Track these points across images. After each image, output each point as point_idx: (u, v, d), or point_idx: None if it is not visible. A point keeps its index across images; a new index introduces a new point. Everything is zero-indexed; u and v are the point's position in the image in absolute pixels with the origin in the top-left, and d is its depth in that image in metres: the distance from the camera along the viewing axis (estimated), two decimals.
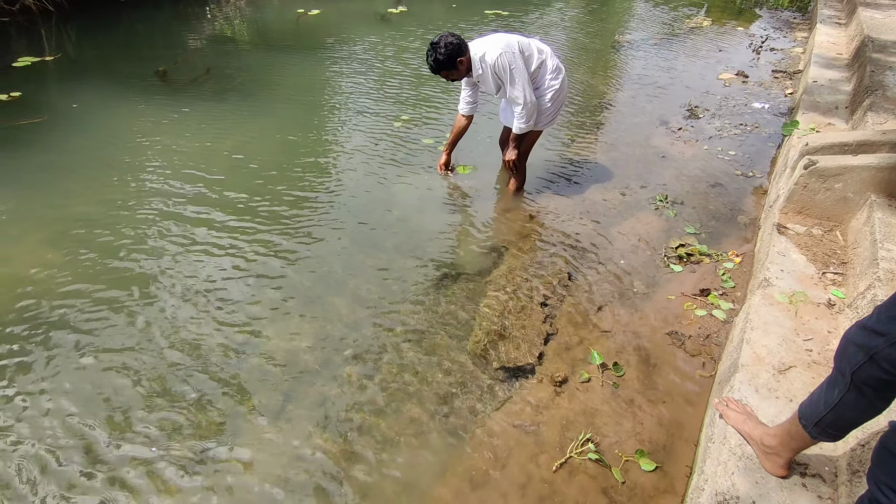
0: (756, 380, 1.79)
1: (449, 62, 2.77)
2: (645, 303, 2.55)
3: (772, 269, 2.30)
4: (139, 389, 2.05)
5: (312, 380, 2.12)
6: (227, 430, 1.92)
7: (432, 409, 2.02)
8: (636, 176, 3.62)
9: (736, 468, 1.52)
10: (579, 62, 5.93)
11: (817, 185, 2.53)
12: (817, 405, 1.24)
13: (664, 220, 3.17)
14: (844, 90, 4.10)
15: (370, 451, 1.87)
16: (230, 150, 3.77)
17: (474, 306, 2.50)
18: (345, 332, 2.33)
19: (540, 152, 3.69)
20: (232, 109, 4.46)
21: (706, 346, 2.30)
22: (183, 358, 2.19)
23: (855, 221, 2.47)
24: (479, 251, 2.88)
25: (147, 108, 4.39)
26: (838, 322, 2.02)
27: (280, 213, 3.10)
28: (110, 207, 3.13)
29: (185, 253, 2.77)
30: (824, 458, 1.54)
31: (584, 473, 1.81)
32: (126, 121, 4.19)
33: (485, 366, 2.21)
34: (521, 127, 2.94)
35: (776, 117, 4.56)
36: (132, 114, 4.30)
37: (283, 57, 5.91)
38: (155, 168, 3.53)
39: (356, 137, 4.04)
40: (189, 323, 2.35)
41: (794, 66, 5.76)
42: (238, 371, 2.14)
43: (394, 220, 3.09)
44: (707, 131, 4.29)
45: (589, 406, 2.04)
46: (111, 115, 4.29)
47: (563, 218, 3.17)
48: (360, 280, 2.63)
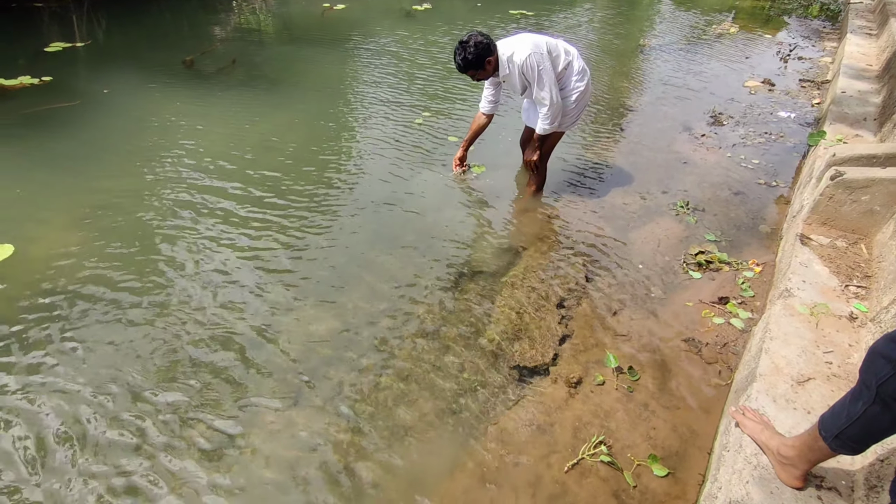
0: (774, 390, 1.77)
1: (477, 62, 2.77)
2: (662, 308, 2.54)
3: (793, 280, 2.27)
4: (155, 371, 2.10)
5: (327, 370, 2.14)
6: (241, 416, 1.95)
7: (445, 405, 2.04)
8: (657, 181, 3.60)
9: (751, 477, 1.52)
10: (604, 64, 5.89)
11: (843, 196, 2.50)
12: (839, 417, 1.22)
13: (684, 226, 3.15)
14: (874, 102, 4.03)
15: (382, 443, 1.89)
16: (254, 141, 3.81)
17: (490, 305, 2.51)
18: (360, 325, 2.36)
19: (560, 154, 3.69)
20: (257, 100, 4.51)
21: (723, 354, 2.29)
22: (200, 343, 2.23)
23: (881, 235, 2.43)
24: (496, 250, 2.89)
25: (175, 97, 4.47)
26: (860, 336, 2.00)
27: (300, 206, 3.13)
28: (138, 192, 3.19)
29: (208, 240, 2.81)
30: (841, 472, 1.52)
31: (596, 475, 1.81)
32: (154, 108, 4.26)
33: (499, 364, 2.22)
34: (546, 128, 2.93)
35: (802, 127, 4.50)
36: (160, 101, 4.37)
37: (307, 50, 5.97)
38: (182, 155, 3.59)
39: (378, 132, 4.06)
40: (207, 309, 2.39)
41: (822, 76, 5.66)
42: (253, 359, 2.17)
43: (412, 216, 3.11)
44: (731, 139, 4.24)
45: (602, 409, 2.04)
46: (140, 101, 4.37)
47: (582, 220, 3.16)
48: (377, 274, 2.65)
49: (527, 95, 2.96)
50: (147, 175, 3.37)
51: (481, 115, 3.21)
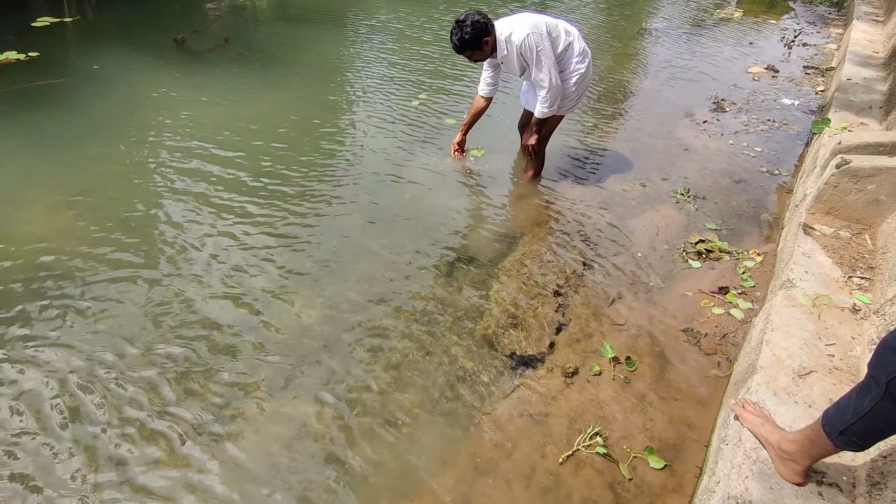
0: (775, 383, 1.73)
1: (474, 41, 2.68)
2: (661, 298, 2.49)
3: (795, 270, 2.22)
4: (144, 359, 2.04)
5: (318, 358, 2.09)
6: (231, 404, 1.90)
7: (439, 394, 1.99)
8: (657, 168, 3.53)
9: (750, 472, 1.48)
10: (605, 48, 5.78)
11: (849, 185, 2.44)
12: (845, 413, 1.18)
13: (684, 214, 3.09)
14: (880, 90, 3.96)
15: (374, 432, 1.84)
16: (247, 121, 3.72)
17: (486, 292, 2.46)
18: (353, 312, 2.30)
19: (559, 139, 3.61)
20: (250, 80, 4.40)
21: (722, 345, 2.25)
22: (190, 326, 2.17)
23: (886, 225, 2.38)
24: (492, 236, 2.83)
25: (166, 75, 4.35)
26: (863, 328, 1.95)
27: (293, 188, 3.06)
28: (129, 171, 3.11)
29: (197, 223, 2.74)
30: (843, 468, 1.48)
31: (591, 467, 1.78)
32: (145, 86, 4.15)
33: (494, 353, 2.17)
34: (544, 111, 2.85)
35: (805, 114, 4.42)
36: (151, 79, 4.26)
37: (303, 28, 5.82)
38: (174, 135, 3.50)
39: (374, 113, 3.97)
40: (197, 295, 2.33)
41: (827, 63, 5.57)
42: (244, 346, 2.12)
43: (407, 201, 3.04)
44: (733, 125, 4.17)
45: (599, 399, 2.00)
46: (131, 79, 4.25)
47: (581, 207, 3.10)
48: (371, 260, 2.59)
49: (525, 77, 2.88)
50: (138, 154, 3.28)
51: (480, 98, 3.12)
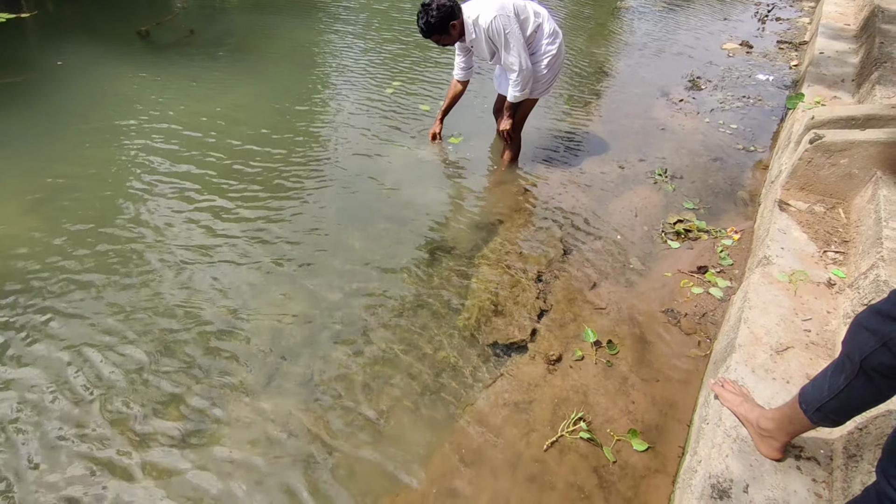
0: (753, 360, 1.75)
1: (441, 25, 2.62)
2: (641, 279, 2.50)
3: (772, 247, 2.24)
4: (119, 363, 1.99)
5: (298, 357, 2.06)
6: (211, 407, 1.86)
7: (422, 387, 1.98)
8: (635, 148, 3.53)
9: (730, 450, 1.49)
10: (578, 28, 5.73)
11: (822, 160, 2.45)
12: (821, 390, 1.19)
13: (662, 194, 3.09)
14: (852, 62, 3.98)
15: (357, 429, 1.83)
16: (216, 116, 3.62)
17: (467, 281, 2.44)
18: (333, 308, 2.27)
19: (535, 122, 3.58)
20: (218, 73, 4.28)
21: (702, 324, 2.26)
22: (168, 327, 2.12)
23: (859, 199, 2.40)
24: (472, 224, 2.80)
25: (131, 70, 4.20)
26: (838, 302, 1.98)
27: (267, 183, 2.99)
28: (97, 171, 3.01)
29: (169, 222, 2.66)
30: (820, 441, 1.51)
31: (576, 452, 1.78)
32: (110, 81, 4.00)
33: (476, 342, 2.16)
34: (516, 95, 2.81)
35: (780, 90, 4.45)
36: (116, 75, 4.11)
37: (271, 18, 5.67)
38: (141, 132, 3.38)
39: (347, 103, 3.89)
40: (172, 295, 2.27)
41: (800, 37, 5.60)
42: (224, 343, 2.08)
43: (385, 191, 3.00)
44: (709, 103, 4.18)
45: (582, 384, 2.01)
46: (95, 75, 4.10)
47: (559, 191, 3.08)
48: (350, 253, 2.55)
49: (495, 61, 2.83)
50: (108, 152, 3.17)
51: (456, 83, 3.08)
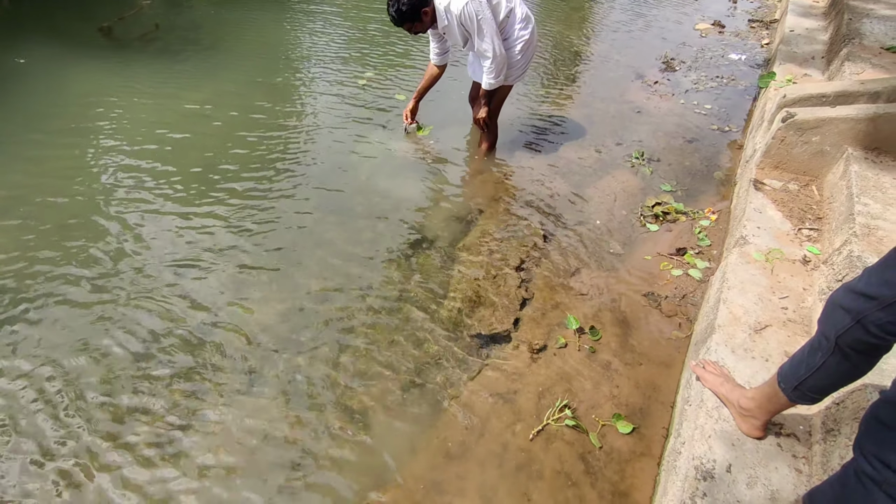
0: (732, 340, 1.76)
1: (412, 13, 2.58)
2: (621, 264, 2.51)
3: (748, 227, 2.26)
4: (91, 371, 1.93)
5: (281, 356, 2.02)
6: (192, 411, 1.83)
7: (406, 381, 1.96)
8: (611, 132, 3.53)
9: (713, 431, 1.51)
10: (551, 12, 5.70)
11: (795, 138, 2.48)
12: (798, 369, 1.20)
13: (640, 177, 3.10)
14: (822, 39, 4.02)
15: (342, 426, 1.81)
16: (185, 113, 3.52)
17: (448, 273, 2.42)
18: (314, 305, 2.23)
19: (511, 109, 3.56)
20: (185, 69, 4.16)
21: (682, 306, 2.28)
22: (141, 336, 2.06)
23: (831, 175, 2.43)
24: (451, 215, 2.78)
25: (93, 68, 4.06)
26: (813, 279, 2.00)
27: (241, 180, 2.92)
28: (64, 171, 2.90)
29: (140, 225, 2.59)
30: (799, 417, 1.53)
31: (562, 440, 1.79)
32: (75, 80, 3.86)
33: (459, 334, 2.15)
34: (491, 82, 2.78)
35: (752, 69, 4.48)
36: (80, 73, 3.96)
37: (240, 10, 5.52)
38: (109, 131, 3.27)
39: (320, 96, 3.82)
40: (148, 298, 2.21)
41: (771, 16, 5.64)
42: (202, 348, 2.03)
43: (361, 186, 2.95)
44: (683, 84, 4.19)
45: (566, 371, 2.01)
46: (59, 73, 3.95)
47: (538, 178, 3.07)
48: (328, 249, 2.51)
49: (469, 48, 2.80)
50: (75, 152, 3.06)
51: (433, 66, 3.05)
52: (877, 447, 0.86)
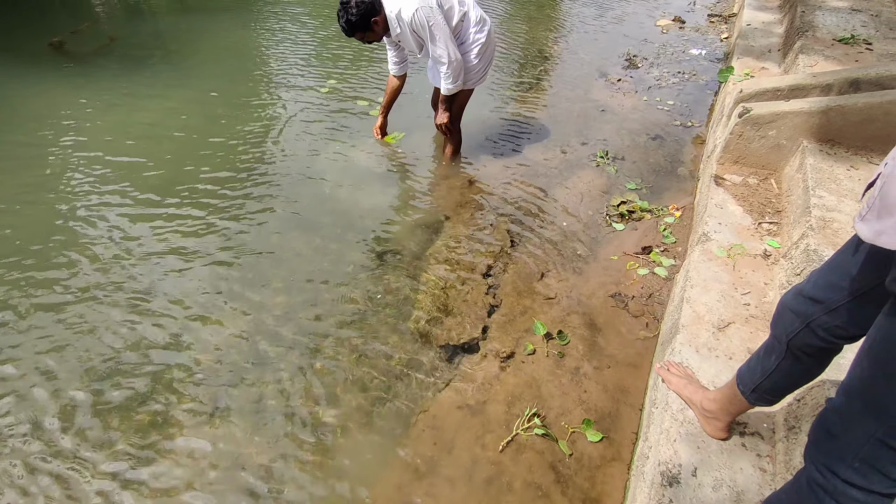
0: (696, 340, 1.76)
1: (362, 23, 2.54)
2: (588, 265, 2.50)
3: (710, 223, 2.27)
4: (51, 396, 1.84)
5: (246, 376, 1.96)
6: (154, 438, 1.76)
7: (373, 398, 1.92)
8: (576, 132, 3.53)
9: (678, 434, 1.50)
10: (516, 13, 5.71)
11: (752, 133, 2.50)
12: (754, 372, 1.20)
13: (606, 177, 3.11)
14: (777, 32, 4.09)
15: (308, 449, 1.76)
16: (143, 128, 3.42)
17: (415, 283, 2.38)
18: (279, 322, 2.18)
19: (475, 112, 3.54)
20: (143, 81, 4.04)
21: (649, 305, 2.28)
22: (100, 361, 1.98)
23: (789, 168, 2.46)
24: (418, 223, 2.74)
25: (45, 86, 3.92)
26: (774, 273, 2.02)
27: (201, 196, 2.84)
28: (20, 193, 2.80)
29: (102, 241, 2.49)
30: (762, 415, 1.53)
31: (532, 450, 1.76)
32: (25, 98, 3.72)
33: (428, 345, 2.11)
34: (449, 87, 2.76)
35: (713, 63, 4.54)
36: (28, 92, 3.82)
37: (199, 20, 5.41)
38: (64, 152, 3.15)
39: (284, 105, 3.75)
40: (107, 321, 2.13)
41: (729, 10, 5.73)
42: (163, 373, 1.96)
43: (326, 196, 2.90)
44: (646, 81, 4.22)
45: (535, 378, 1.99)
46: (8, 92, 3.80)
47: (504, 181, 3.05)
48: (293, 264, 2.45)
49: (425, 54, 2.77)
50: (30, 173, 2.95)
51: (393, 79, 3.01)
52: (824, 456, 0.85)
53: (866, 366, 0.79)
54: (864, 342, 0.81)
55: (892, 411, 0.75)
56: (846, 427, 0.82)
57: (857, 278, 0.88)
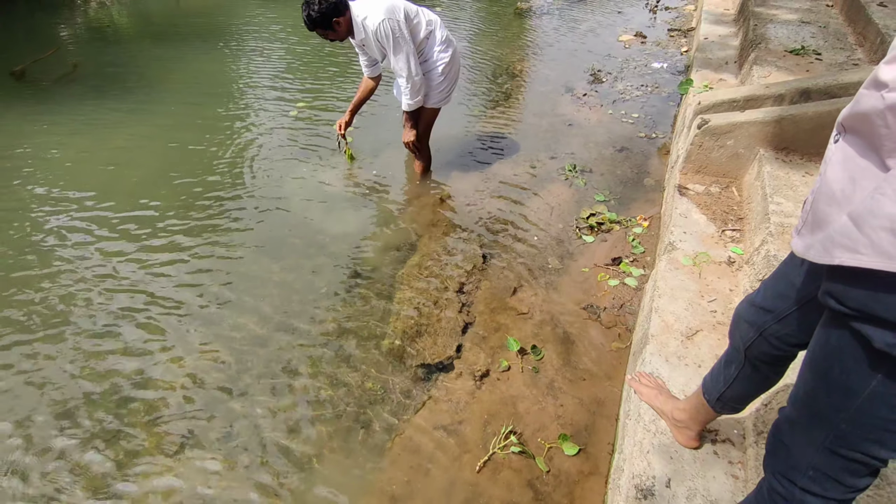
0: (665, 349, 1.79)
1: (323, 20, 2.56)
2: (560, 278, 2.52)
3: (675, 232, 2.32)
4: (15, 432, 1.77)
5: (217, 408, 1.92)
6: (120, 480, 1.70)
7: (349, 423, 1.89)
8: (545, 147, 3.59)
9: (651, 446, 1.51)
10: (482, 32, 5.81)
11: (711, 143, 2.58)
12: (717, 381, 1.22)
13: (574, 190, 3.15)
14: (733, 45, 4.24)
15: (281, 481, 1.71)
16: (108, 155, 3.36)
17: (388, 304, 2.37)
18: (251, 350, 2.13)
19: (445, 130, 3.57)
20: (107, 110, 3.98)
21: (620, 315, 2.31)
22: (71, 392, 1.92)
23: (748, 176, 2.54)
24: (389, 244, 2.74)
25: (6, 117, 3.83)
26: (738, 280, 2.06)
27: (170, 225, 2.79)
28: None
29: (69, 272, 2.42)
30: (732, 422, 1.55)
31: (509, 468, 1.75)
32: None
33: (402, 367, 2.10)
34: (410, 103, 2.78)
35: (674, 76, 4.68)
36: None
37: (164, 46, 5.37)
38: (27, 185, 3.07)
39: (252, 130, 3.73)
40: (72, 355, 2.06)
41: (688, 24, 5.93)
42: (134, 405, 1.90)
43: (297, 219, 2.87)
44: (611, 95, 4.32)
45: (510, 395, 1.99)
46: None
47: (474, 198, 3.07)
48: (265, 290, 2.42)
49: (387, 64, 2.78)
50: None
51: (367, 80, 3.01)
52: (781, 465, 0.87)
53: (808, 377, 0.81)
54: (806, 353, 0.83)
55: (833, 420, 0.77)
56: (796, 437, 0.84)
57: (801, 288, 0.91)
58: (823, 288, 0.73)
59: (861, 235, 0.64)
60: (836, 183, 0.70)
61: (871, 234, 0.63)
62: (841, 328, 0.72)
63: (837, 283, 0.70)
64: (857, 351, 0.70)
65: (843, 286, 0.69)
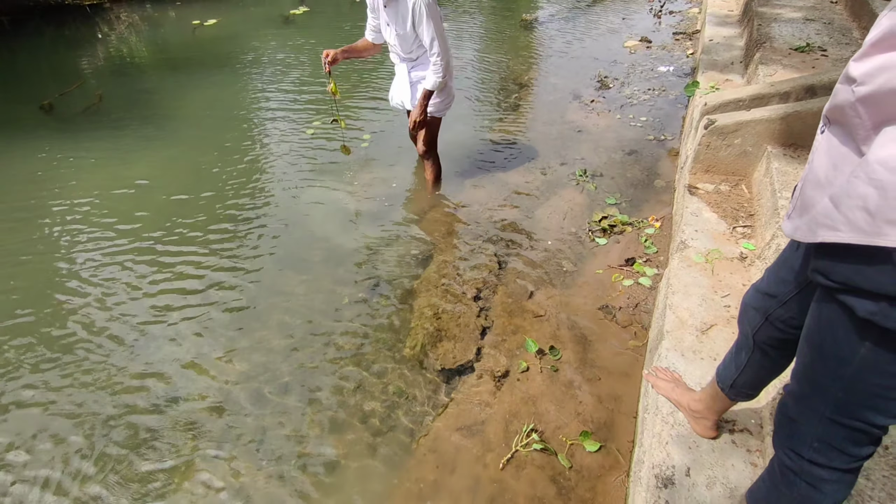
0: (681, 344, 1.82)
1: None
2: (575, 281, 2.57)
3: (687, 231, 2.36)
4: (52, 454, 1.87)
5: (246, 418, 2.00)
6: (159, 481, 1.78)
7: (375, 427, 1.96)
8: (555, 153, 3.65)
9: (669, 437, 1.55)
10: (491, 43, 5.92)
11: (718, 142, 2.62)
12: (729, 369, 1.26)
13: (586, 194, 3.21)
14: (738, 46, 4.28)
15: (313, 483, 1.78)
16: (134, 181, 3.51)
17: (408, 312, 2.44)
18: (277, 362, 2.22)
19: (456, 139, 3.66)
20: (131, 138, 4.16)
21: (636, 315, 2.35)
22: (99, 415, 2.02)
23: (757, 173, 2.57)
24: (406, 254, 2.82)
25: (38, 147, 4.02)
26: (751, 274, 2.10)
27: (194, 245, 2.91)
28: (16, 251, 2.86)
29: (99, 296, 2.55)
30: (749, 411, 1.58)
31: (532, 465, 1.80)
32: (17, 162, 3.81)
33: (424, 371, 2.16)
34: (437, 81, 2.72)
35: (680, 79, 4.72)
36: (23, 155, 3.92)
37: (183, 74, 5.58)
38: (57, 212, 3.23)
39: (269, 150, 3.86)
40: (105, 374, 2.17)
41: (693, 27, 5.98)
42: (165, 423, 1.99)
43: (317, 235, 2.97)
44: (618, 100, 4.38)
45: (530, 395, 2.04)
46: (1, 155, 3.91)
47: (487, 205, 3.15)
48: (288, 304, 2.51)
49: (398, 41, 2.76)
50: (25, 234, 3.01)
51: (365, 39, 2.99)
52: (788, 440, 0.91)
53: (806, 351, 0.86)
54: (803, 329, 0.88)
55: (832, 391, 0.82)
56: (800, 410, 0.88)
57: (799, 272, 0.96)
58: (812, 266, 0.79)
59: (839, 214, 0.70)
60: (821, 169, 0.76)
61: (847, 212, 0.69)
62: (830, 302, 0.78)
63: (823, 259, 0.76)
64: (845, 322, 0.76)
65: (828, 262, 0.75)
